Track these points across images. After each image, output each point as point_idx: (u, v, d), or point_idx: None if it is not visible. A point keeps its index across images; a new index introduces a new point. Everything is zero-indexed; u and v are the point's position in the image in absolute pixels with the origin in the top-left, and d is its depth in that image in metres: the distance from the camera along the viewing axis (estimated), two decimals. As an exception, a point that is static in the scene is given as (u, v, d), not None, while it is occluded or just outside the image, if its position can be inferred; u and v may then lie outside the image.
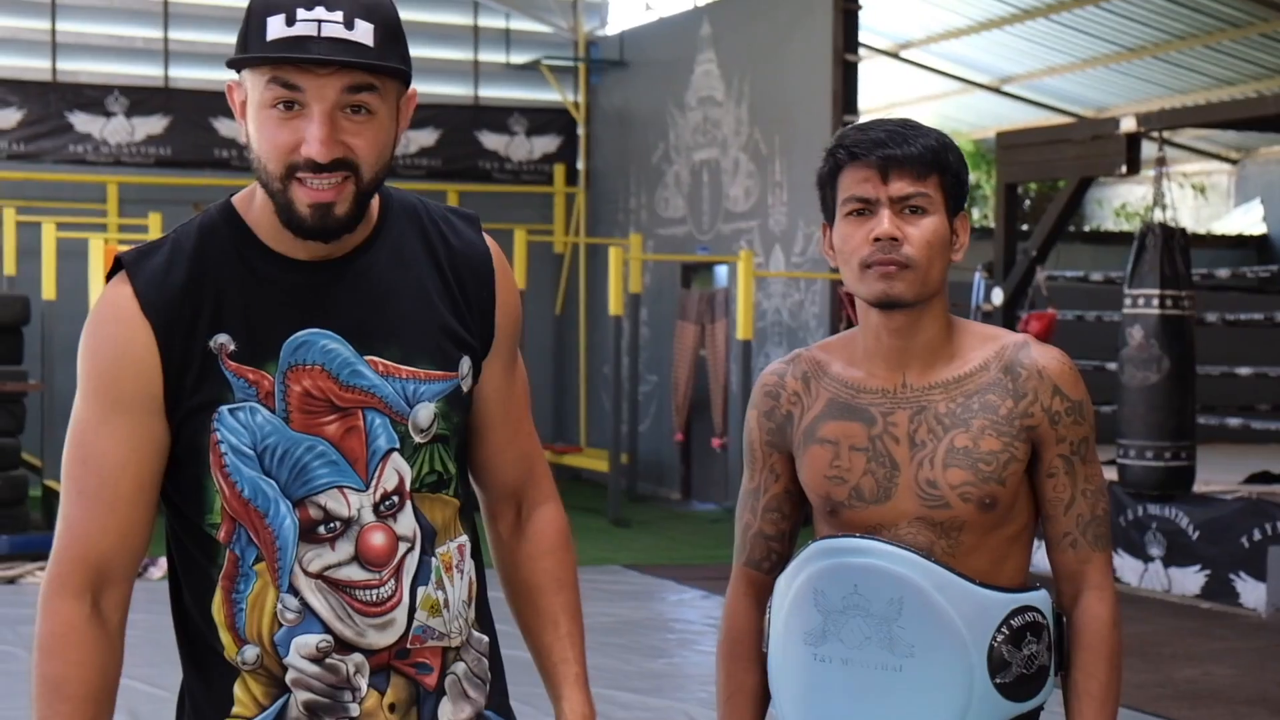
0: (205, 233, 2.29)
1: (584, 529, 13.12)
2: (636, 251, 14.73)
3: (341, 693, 2.28)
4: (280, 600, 2.26)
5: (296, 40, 2.16)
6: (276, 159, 2.19)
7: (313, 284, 2.27)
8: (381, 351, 2.28)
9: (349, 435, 2.26)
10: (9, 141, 15.57)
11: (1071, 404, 2.64)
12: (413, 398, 2.30)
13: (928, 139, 2.59)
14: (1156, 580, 10.47)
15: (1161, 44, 16.86)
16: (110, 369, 2.23)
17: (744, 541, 2.82)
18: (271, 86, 2.18)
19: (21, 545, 10.37)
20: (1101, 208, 22.24)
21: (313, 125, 2.17)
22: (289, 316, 2.25)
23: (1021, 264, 11.58)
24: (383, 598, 2.28)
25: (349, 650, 2.28)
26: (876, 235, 2.56)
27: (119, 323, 2.23)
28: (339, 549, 2.26)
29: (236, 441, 2.23)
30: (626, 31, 16.85)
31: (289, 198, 2.20)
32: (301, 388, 2.24)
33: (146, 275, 2.24)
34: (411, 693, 2.32)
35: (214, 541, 2.27)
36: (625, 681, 7.72)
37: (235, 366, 2.23)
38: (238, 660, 2.28)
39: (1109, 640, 2.66)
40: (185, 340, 2.22)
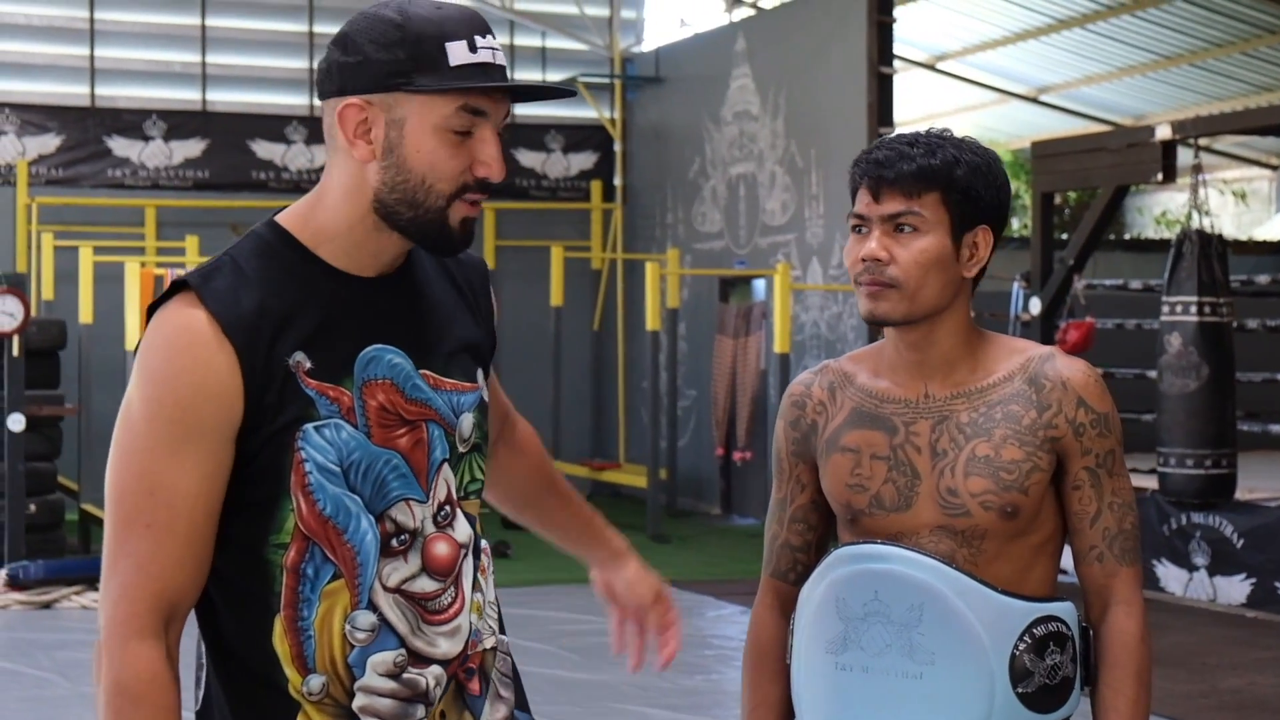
0: (263, 254, 2.27)
1: (623, 545, 13.06)
2: (674, 266, 14.71)
3: (414, 708, 2.27)
4: (349, 620, 2.24)
5: (484, 67, 2.22)
6: (450, 180, 2.23)
7: (372, 299, 2.29)
8: (430, 364, 2.32)
9: (416, 448, 2.29)
10: (48, 167, 15.66)
11: (1097, 416, 2.62)
12: (457, 408, 2.34)
13: (930, 157, 2.57)
14: (1201, 589, 10.37)
15: (1198, 51, 16.77)
16: (189, 395, 2.17)
17: (771, 552, 2.82)
18: (461, 114, 2.22)
19: (57, 569, 10.38)
20: (1142, 215, 22.14)
21: (489, 147, 2.23)
22: (356, 332, 2.27)
23: (1059, 273, 11.52)
24: (445, 605, 2.31)
25: (425, 663, 2.29)
26: (862, 255, 2.58)
27: (196, 346, 2.18)
28: (410, 561, 2.28)
29: (323, 459, 2.21)
30: (662, 48, 16.86)
31: (446, 216, 2.24)
32: (376, 402, 2.26)
33: (218, 297, 2.20)
34: (459, 699, 2.34)
35: (274, 566, 2.23)
36: (662, 699, 7.69)
37: (315, 384, 2.22)
38: (303, 692, 2.24)
39: (1137, 655, 2.61)
40: (265, 360, 2.20)
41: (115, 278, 12.04)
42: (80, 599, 10.19)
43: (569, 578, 10.89)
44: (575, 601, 9.92)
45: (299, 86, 16.50)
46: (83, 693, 7.86)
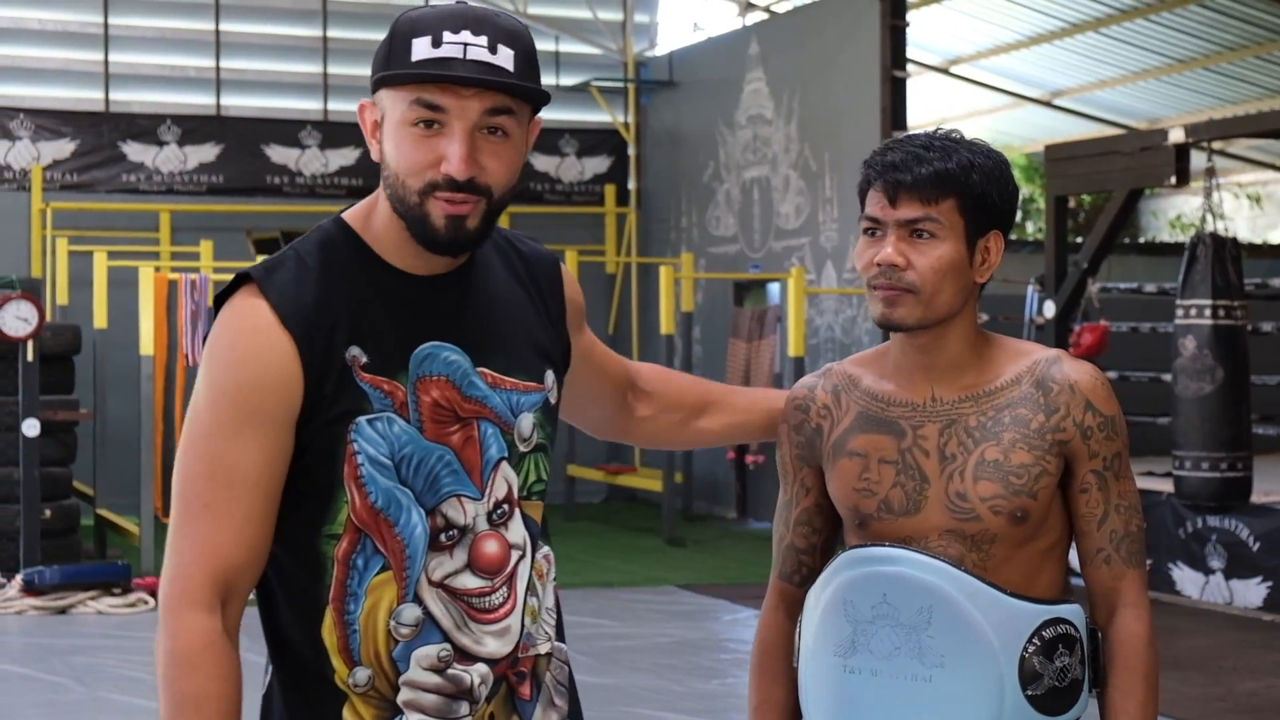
0: (325, 249, 2.33)
1: (638, 549, 13.10)
2: (688, 270, 14.72)
3: (458, 704, 2.30)
4: (394, 615, 2.27)
5: (442, 61, 2.22)
6: (415, 175, 2.25)
7: (430, 298, 2.33)
8: (490, 363, 2.35)
9: (468, 445, 2.31)
10: (63, 172, 15.70)
11: (1104, 419, 2.61)
12: (516, 407, 2.36)
13: (947, 161, 2.56)
14: (1218, 593, 10.35)
15: (1212, 55, 16.75)
16: (252, 381, 2.23)
17: (778, 553, 2.82)
18: (415, 107, 2.24)
19: (73, 575, 10.38)
20: (1156, 219, 22.11)
21: (453, 144, 2.23)
22: (413, 329, 2.30)
23: (1073, 276, 11.50)
24: (495, 604, 2.32)
25: (471, 660, 2.31)
26: (877, 261, 2.56)
27: (258, 334, 2.24)
28: (455, 557, 2.30)
29: (374, 451, 2.26)
30: (675, 52, 16.87)
31: (424, 212, 2.25)
32: (431, 398, 2.29)
33: (279, 289, 2.26)
34: (509, 702, 2.36)
35: (326, 558, 2.28)
36: (677, 702, 7.69)
37: (370, 378, 2.26)
38: (349, 683, 2.28)
39: (1146, 658, 2.61)
40: (324, 352, 2.25)
41: (130, 282, 12.07)
42: (95, 604, 10.20)
43: (583, 581, 10.90)
44: (591, 605, 9.93)
45: (313, 91, 16.53)
46: (98, 697, 7.87)
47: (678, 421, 2.84)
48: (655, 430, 2.83)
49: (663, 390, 2.83)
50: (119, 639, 9.28)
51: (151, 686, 8.02)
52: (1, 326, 10.63)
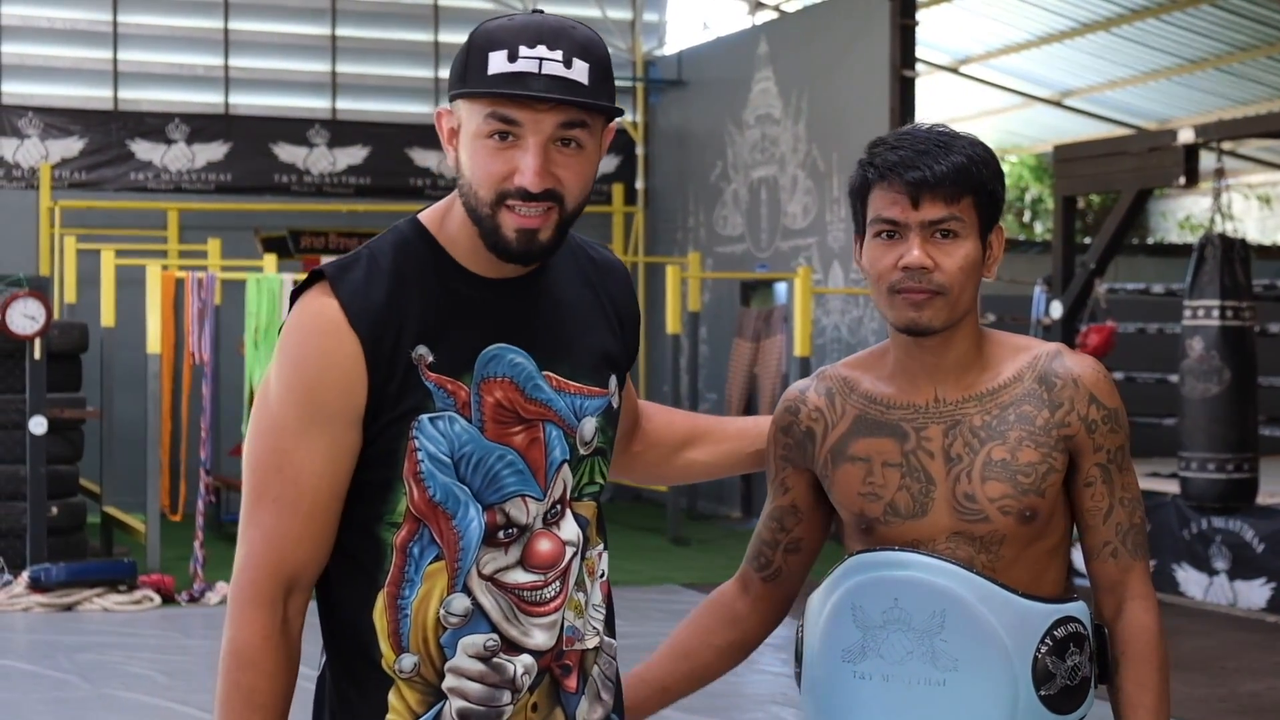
0: (400, 249, 2.37)
1: (643, 548, 13.09)
2: (695, 270, 14.71)
3: (500, 693, 2.35)
4: (445, 605, 2.33)
5: (517, 76, 2.26)
6: (489, 186, 2.28)
7: (500, 301, 2.37)
8: (555, 367, 2.39)
9: (532, 446, 2.36)
10: (71, 170, 15.72)
11: (1108, 412, 2.60)
12: (579, 412, 2.41)
13: (960, 156, 2.53)
14: (1221, 594, 10.34)
15: (1223, 56, 16.72)
16: (316, 379, 2.29)
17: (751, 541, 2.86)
18: (490, 120, 2.28)
19: (79, 572, 10.39)
20: (1165, 220, 22.09)
21: (528, 156, 2.27)
22: (481, 331, 2.34)
23: (1080, 277, 11.49)
24: (547, 598, 2.37)
25: (517, 651, 2.36)
26: (906, 264, 2.51)
27: (326, 334, 2.29)
28: (510, 553, 2.36)
29: (434, 449, 2.31)
30: (684, 51, 16.87)
31: (496, 223, 2.29)
32: (494, 399, 2.33)
33: (350, 288, 2.31)
34: (553, 694, 2.40)
35: (385, 544, 2.33)
36: (682, 701, 7.67)
37: (435, 377, 2.31)
38: (395, 668, 2.33)
39: (1159, 650, 2.60)
40: (391, 352, 2.29)
41: (137, 281, 12.08)
42: (101, 601, 10.21)
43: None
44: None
45: (321, 90, 16.53)
46: (104, 694, 7.88)
47: (665, 455, 2.85)
48: (644, 464, 2.85)
49: (653, 425, 2.84)
50: (124, 636, 9.28)
51: (157, 684, 8.08)
52: (9, 324, 10.64)
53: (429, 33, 16.69)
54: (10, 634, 9.52)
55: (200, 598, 10.46)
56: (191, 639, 9.36)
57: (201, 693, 7.81)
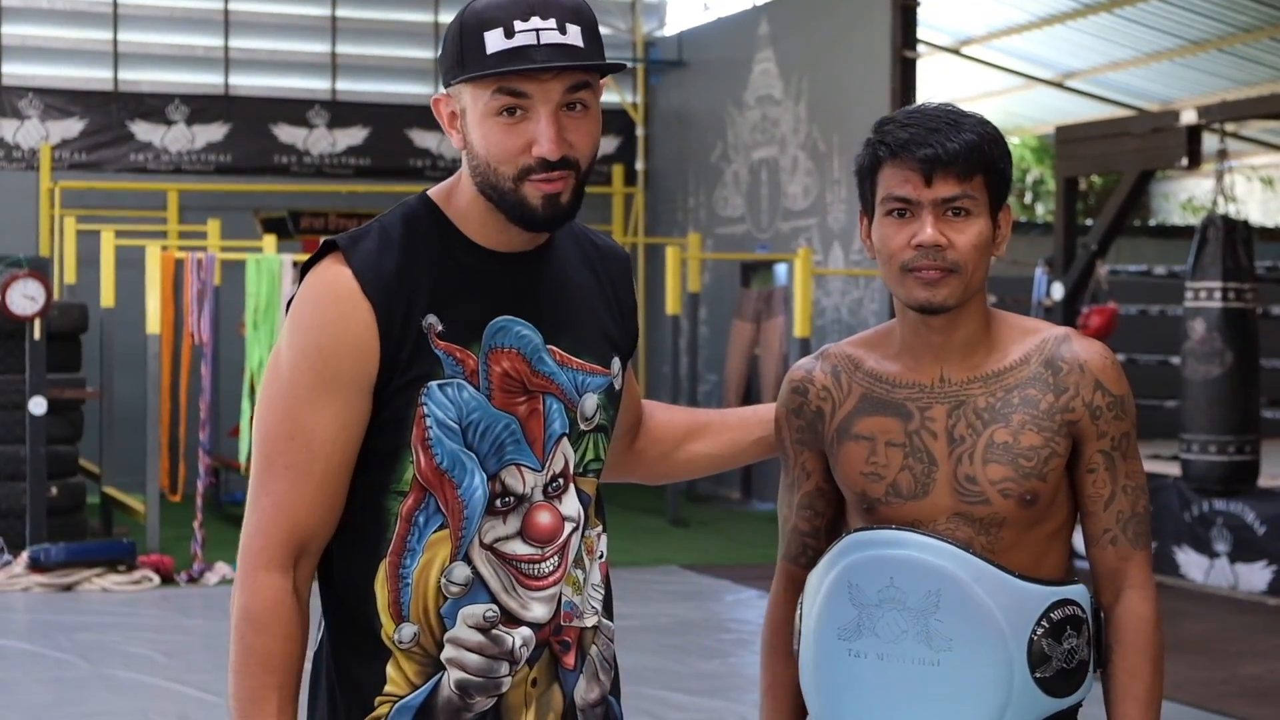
0: (410, 223, 2.40)
1: (642, 529, 13.09)
2: (695, 251, 14.69)
3: (499, 665, 2.37)
4: (446, 574, 2.35)
5: (519, 51, 2.30)
6: (509, 161, 2.32)
7: (508, 274, 2.40)
8: (559, 342, 2.43)
9: (532, 417, 2.39)
10: (71, 151, 15.69)
11: (1113, 399, 2.58)
12: (581, 387, 2.44)
13: (971, 134, 2.51)
14: (1222, 576, 10.33)
15: (1226, 37, 16.67)
16: (330, 346, 2.31)
17: (783, 537, 2.80)
18: (498, 96, 2.31)
19: (78, 552, 10.39)
20: (1168, 201, 22.06)
21: (542, 126, 2.31)
22: (489, 302, 2.38)
23: (1082, 258, 11.47)
24: (545, 572, 2.40)
25: (515, 624, 2.38)
26: (920, 242, 2.50)
27: (339, 301, 2.32)
28: (509, 523, 2.38)
29: (443, 415, 2.34)
30: (685, 32, 16.83)
31: (521, 195, 2.33)
32: (501, 368, 2.37)
33: (362, 257, 2.34)
34: (552, 670, 2.43)
35: (390, 514, 2.36)
36: (679, 682, 7.69)
37: (444, 345, 2.34)
38: (395, 639, 2.36)
39: (1153, 640, 2.59)
40: (402, 320, 2.32)
41: (137, 262, 12.05)
42: (100, 581, 10.21)
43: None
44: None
45: (321, 71, 16.51)
46: (103, 674, 7.88)
47: (668, 450, 2.85)
48: (647, 462, 2.85)
49: (654, 422, 2.85)
50: (124, 616, 9.29)
51: (156, 663, 8.08)
52: (9, 305, 10.63)
53: (429, 13, 16.65)
54: (10, 614, 9.52)
55: (199, 578, 10.46)
56: (190, 619, 9.36)
57: (200, 672, 7.81)
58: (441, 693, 2.36)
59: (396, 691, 2.36)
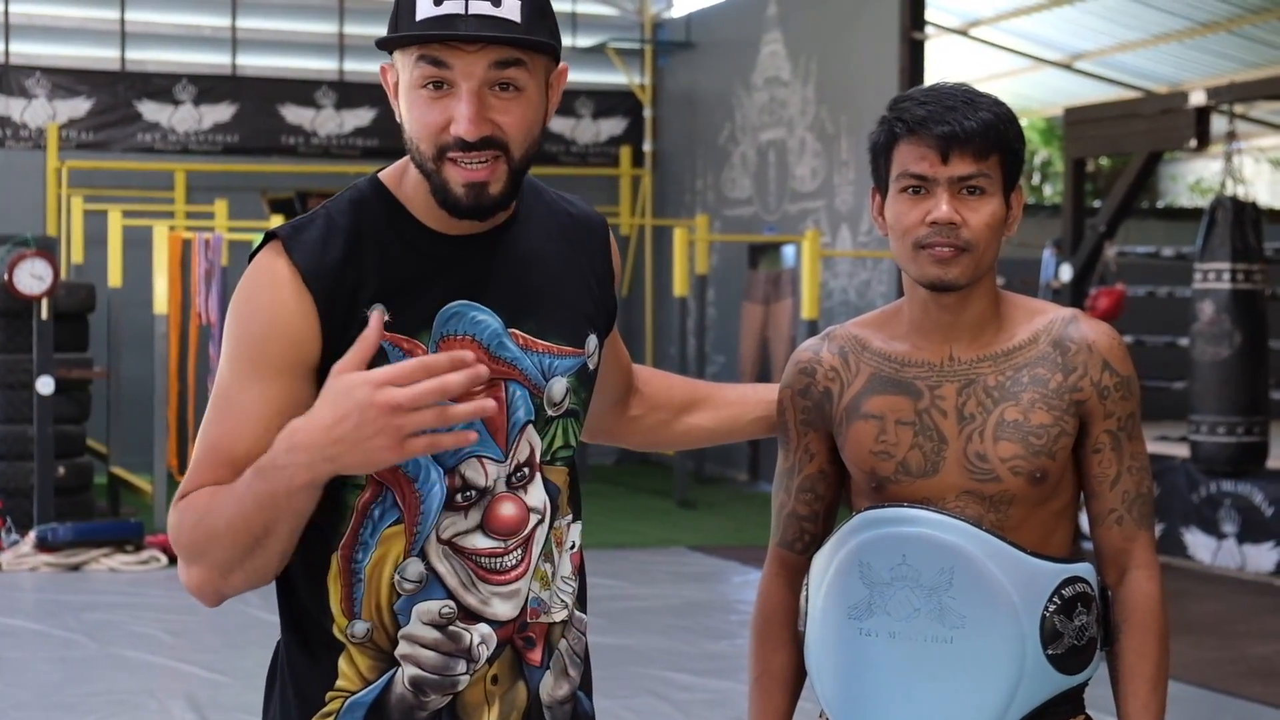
0: (358, 208, 2.31)
1: (650, 510, 13.10)
2: (703, 233, 14.68)
3: (455, 663, 2.28)
4: (399, 570, 2.26)
5: (444, 19, 2.18)
6: (428, 139, 2.22)
7: (462, 257, 2.30)
8: (522, 325, 2.32)
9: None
10: (78, 131, 15.69)
11: (1120, 379, 2.59)
12: (548, 371, 2.33)
13: (987, 113, 2.51)
14: (1230, 557, 10.33)
15: (1235, 18, 16.62)
16: (261, 334, 2.23)
17: (778, 521, 2.78)
18: (420, 65, 2.20)
19: (86, 532, 10.42)
20: (1176, 183, 22.03)
21: (460, 104, 2.19)
22: (441, 288, 2.27)
23: (1090, 240, 11.46)
24: (507, 566, 2.30)
25: (474, 620, 2.29)
26: (934, 219, 2.49)
27: (274, 290, 2.23)
28: (470, 517, 2.29)
29: None
30: (693, 13, 16.80)
31: (443, 178, 2.22)
32: None
33: (304, 247, 2.25)
34: (515, 667, 2.34)
35: (346, 507, 2.27)
36: (686, 663, 7.69)
37: (390, 336, 2.23)
38: (347, 633, 2.28)
39: (1159, 620, 2.59)
40: (345, 310, 2.23)
41: (144, 241, 12.06)
42: (108, 561, 10.23)
43: (595, 542, 10.89)
44: (599, 566, 9.92)
45: (329, 51, 16.49)
46: (110, 653, 7.89)
47: (666, 419, 2.80)
48: (643, 429, 2.79)
49: (652, 389, 2.79)
50: (131, 596, 9.30)
51: (163, 643, 8.09)
52: (16, 284, 10.64)
53: (437, -7, 16.62)
54: (17, 593, 9.54)
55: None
56: (191, 599, 9.36)
57: (207, 652, 7.82)
58: (395, 689, 2.28)
59: (348, 687, 2.28)
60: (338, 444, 2.07)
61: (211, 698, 7.04)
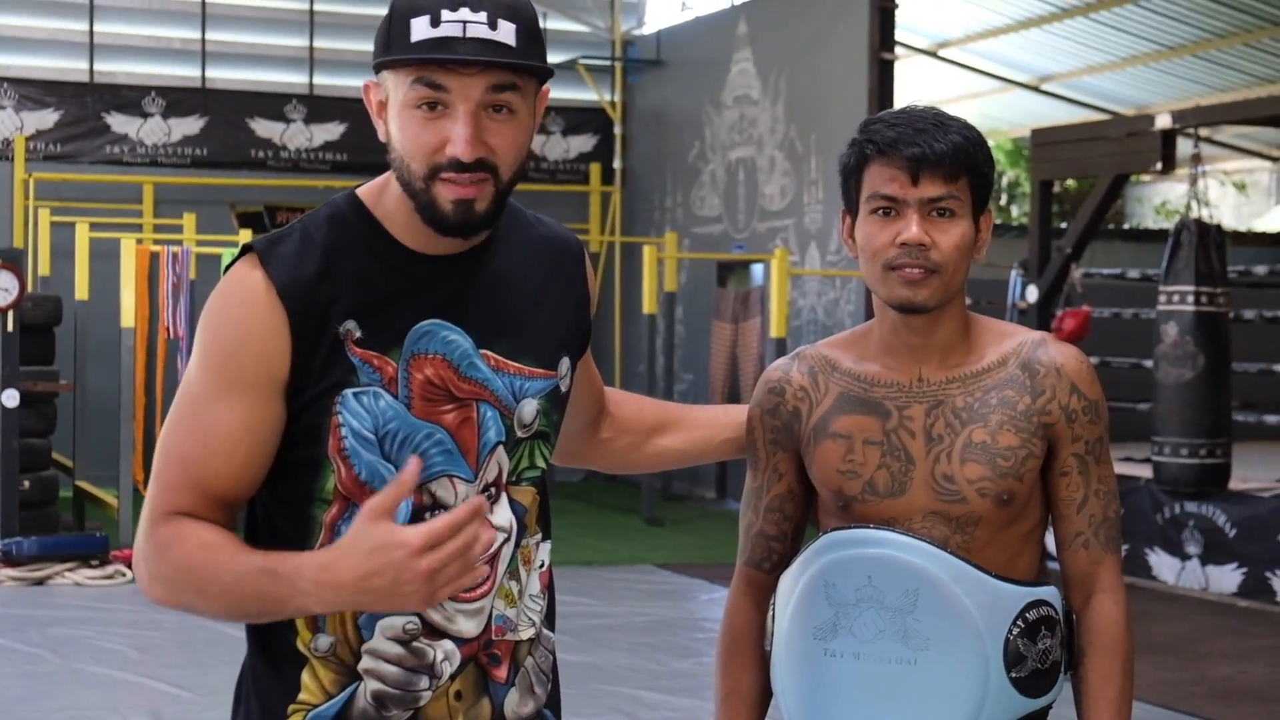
0: (334, 224, 2.31)
1: (618, 528, 13.10)
2: (672, 250, 14.69)
3: (418, 678, 2.29)
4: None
5: (442, 41, 2.19)
6: (421, 159, 2.23)
7: (437, 277, 2.30)
8: (494, 346, 2.32)
9: (464, 426, 2.29)
10: (46, 142, 15.63)
11: (1088, 403, 2.60)
12: (519, 393, 2.34)
13: (957, 136, 2.52)
14: (1193, 578, 10.38)
15: (1201, 42, 16.74)
16: (234, 347, 2.23)
17: (746, 541, 2.79)
18: (416, 87, 2.21)
19: (51, 546, 10.37)
20: (1141, 205, 22.15)
21: (458, 125, 2.20)
22: (414, 307, 2.28)
23: (1056, 261, 11.51)
24: (473, 584, 2.29)
25: (438, 636, 2.29)
26: (904, 240, 2.50)
27: (248, 304, 2.24)
28: None
29: (358, 425, 2.25)
30: (663, 31, 16.84)
31: (432, 196, 2.23)
32: (424, 376, 2.27)
33: (279, 261, 2.25)
34: (480, 683, 2.34)
35: (315, 522, 2.27)
36: (654, 681, 7.69)
37: (361, 352, 2.25)
38: (311, 647, 2.28)
39: (1125, 644, 2.60)
40: (318, 325, 2.24)
41: (112, 254, 12.02)
42: (73, 575, 10.19)
43: (562, 560, 10.88)
44: (567, 584, 9.92)
45: (299, 65, 16.47)
46: (74, 669, 7.86)
47: (636, 442, 2.80)
48: (614, 452, 2.79)
49: (623, 412, 2.79)
50: (96, 610, 9.26)
51: (128, 659, 8.05)
52: (-18, 296, 10.59)
53: (407, 9, 16.62)
54: (-19, 607, 9.50)
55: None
56: (163, 614, 9.32)
57: (172, 668, 7.79)
58: (356, 703, 2.28)
59: (310, 700, 2.29)
60: (369, 594, 2.10)
61: (177, 714, 7.01)
